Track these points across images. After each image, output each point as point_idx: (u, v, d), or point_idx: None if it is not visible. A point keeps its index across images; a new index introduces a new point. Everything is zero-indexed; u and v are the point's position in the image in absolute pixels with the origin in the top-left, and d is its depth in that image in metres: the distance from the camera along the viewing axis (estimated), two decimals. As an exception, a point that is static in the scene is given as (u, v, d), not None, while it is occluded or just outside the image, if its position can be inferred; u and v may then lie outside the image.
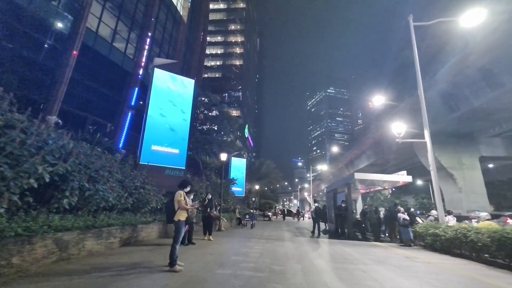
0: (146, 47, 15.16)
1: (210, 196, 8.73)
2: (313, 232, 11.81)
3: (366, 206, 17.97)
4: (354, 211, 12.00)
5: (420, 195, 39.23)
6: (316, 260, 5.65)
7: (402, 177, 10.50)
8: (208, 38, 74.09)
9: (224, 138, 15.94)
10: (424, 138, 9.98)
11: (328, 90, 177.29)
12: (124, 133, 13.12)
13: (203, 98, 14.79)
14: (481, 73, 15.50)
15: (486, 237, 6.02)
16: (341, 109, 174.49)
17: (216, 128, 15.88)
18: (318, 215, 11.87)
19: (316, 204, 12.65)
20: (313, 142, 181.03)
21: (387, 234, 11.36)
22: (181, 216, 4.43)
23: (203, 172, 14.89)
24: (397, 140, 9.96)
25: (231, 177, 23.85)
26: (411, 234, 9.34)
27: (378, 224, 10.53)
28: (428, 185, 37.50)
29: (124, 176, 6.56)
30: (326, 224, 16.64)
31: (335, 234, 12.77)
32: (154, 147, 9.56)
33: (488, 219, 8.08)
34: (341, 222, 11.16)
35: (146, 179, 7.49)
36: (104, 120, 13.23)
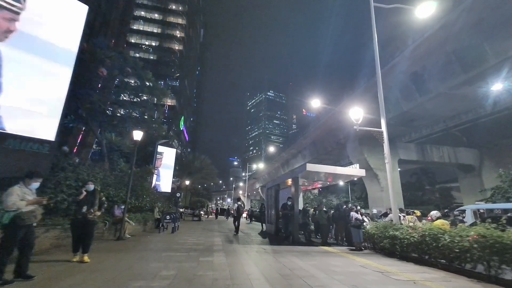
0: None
1: (91, 187, 5.26)
2: (236, 232, 11.61)
3: (307, 205, 16.86)
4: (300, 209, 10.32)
5: (341, 195, 42.99)
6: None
7: (356, 171, 9.34)
8: (142, 13, 64.86)
9: (146, 116, 12.05)
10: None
11: (268, 93, 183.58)
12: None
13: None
14: (412, 78, 16.48)
15: (472, 243, 4.78)
16: (279, 112, 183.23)
17: (135, 100, 11.83)
18: (239, 214, 12.18)
19: (238, 203, 12.55)
20: (250, 142, 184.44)
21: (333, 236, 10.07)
22: None
23: (106, 155, 10.70)
24: (355, 127, 8.66)
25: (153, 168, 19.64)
26: (362, 236, 8.09)
27: (328, 226, 9.01)
28: (347, 186, 41.38)
29: None
30: (264, 225, 14.73)
31: (276, 237, 10.85)
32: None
33: (439, 217, 7.36)
34: (285, 223, 9.22)
35: None
36: None
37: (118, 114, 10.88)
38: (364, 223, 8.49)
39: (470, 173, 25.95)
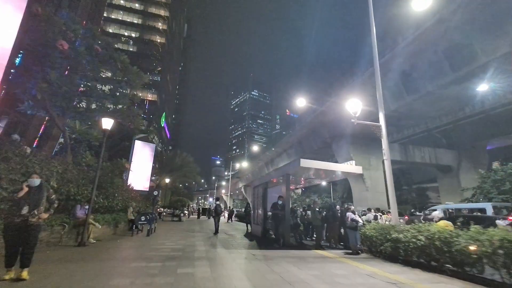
0: None
1: (36, 182, 4.08)
2: (216, 232, 11.35)
3: (295, 204, 16.19)
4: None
5: (324, 195, 43.10)
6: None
7: (352, 167, 8.72)
8: (121, 1, 61.28)
9: (119, 107, 10.63)
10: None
11: (252, 92, 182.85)
12: None
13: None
14: (402, 77, 16.38)
15: (496, 247, 4.20)
16: (263, 112, 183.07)
17: (106, 89, 10.39)
18: (217, 213, 11.87)
19: (217, 203, 12.18)
20: (234, 141, 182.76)
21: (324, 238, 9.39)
22: None
23: (69, 146, 9.17)
24: (352, 120, 8.04)
25: (130, 166, 18.05)
26: (359, 239, 7.45)
27: (321, 227, 8.28)
28: (329, 186, 41.54)
29: None
30: (249, 226, 13.84)
31: (264, 239, 10.00)
32: None
33: (442, 218, 6.91)
34: (276, 224, 8.36)
35: None
36: None
37: (93, 106, 9.39)
38: (360, 224, 7.87)
39: (449, 174, 26.79)
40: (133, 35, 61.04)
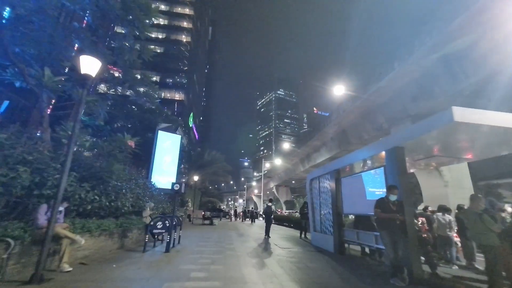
0: None
1: None
2: (266, 235, 10.22)
3: (464, 207, 11.98)
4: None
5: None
6: None
7: None
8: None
9: (126, 58, 7.53)
10: None
11: (278, 92, 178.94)
12: None
13: None
14: None
15: None
16: (289, 111, 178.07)
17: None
18: (269, 216, 10.84)
19: (269, 204, 11.35)
20: (261, 142, 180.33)
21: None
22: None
23: (46, 115, 6.18)
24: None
25: (153, 160, 15.29)
26: None
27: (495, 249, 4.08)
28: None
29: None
30: (306, 234, 10.03)
31: (345, 259, 6.12)
32: None
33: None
34: (391, 240, 4.38)
35: None
36: None
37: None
38: None
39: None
40: (160, 36, 60.84)
